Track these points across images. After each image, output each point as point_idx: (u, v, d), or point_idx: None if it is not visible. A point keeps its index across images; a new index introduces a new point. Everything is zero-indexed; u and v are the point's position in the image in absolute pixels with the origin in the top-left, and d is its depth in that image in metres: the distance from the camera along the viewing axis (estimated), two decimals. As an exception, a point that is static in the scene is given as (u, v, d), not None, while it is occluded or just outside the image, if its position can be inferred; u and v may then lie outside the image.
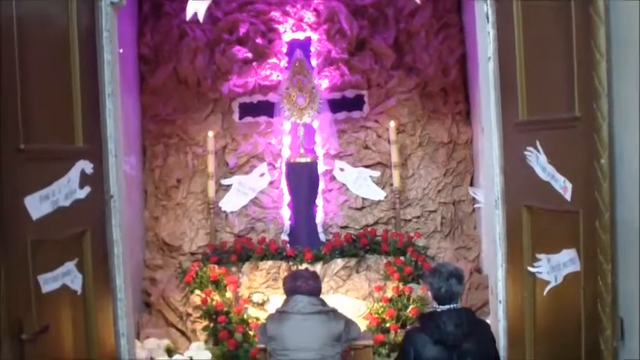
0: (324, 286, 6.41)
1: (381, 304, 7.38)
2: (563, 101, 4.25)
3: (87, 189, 4.67)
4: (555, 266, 4.45)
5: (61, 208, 4.36)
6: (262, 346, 5.22)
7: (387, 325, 7.07)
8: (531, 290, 4.78)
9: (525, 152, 4.67)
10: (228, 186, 8.65)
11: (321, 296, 5.07)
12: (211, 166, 8.41)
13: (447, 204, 8.84)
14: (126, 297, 5.26)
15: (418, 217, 8.79)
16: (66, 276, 4.45)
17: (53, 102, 4.44)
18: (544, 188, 4.48)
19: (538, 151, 4.54)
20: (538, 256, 4.64)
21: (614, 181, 3.86)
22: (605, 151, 3.85)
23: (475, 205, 8.46)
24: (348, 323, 4.84)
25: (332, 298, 7.08)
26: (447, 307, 4.58)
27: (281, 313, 4.79)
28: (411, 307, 7.23)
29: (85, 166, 4.67)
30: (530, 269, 4.71)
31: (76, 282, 4.58)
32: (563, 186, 4.29)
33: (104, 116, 5.02)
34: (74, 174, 4.55)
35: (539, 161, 4.55)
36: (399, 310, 7.23)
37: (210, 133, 8.45)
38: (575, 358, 4.22)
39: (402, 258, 7.93)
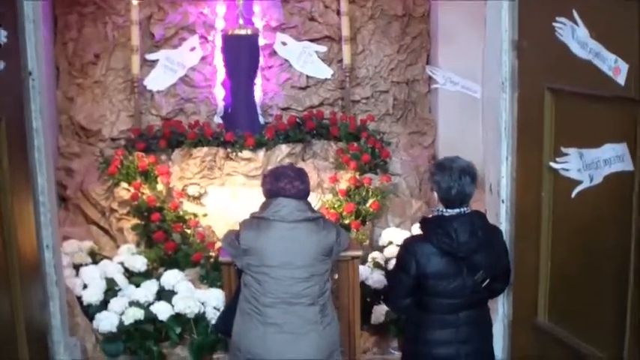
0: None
1: (337, 197, 6.53)
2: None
3: (0, 64, 3.56)
4: (591, 163, 3.70)
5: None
6: (226, 259, 4.29)
7: (347, 221, 6.24)
8: (551, 190, 4.04)
9: (554, 24, 3.83)
10: (154, 61, 7.56)
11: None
12: (135, 39, 7.29)
13: (400, 84, 7.96)
14: (49, 200, 4.26)
15: (367, 99, 7.91)
16: (-23, 178, 3.43)
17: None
18: (581, 68, 3.70)
19: (575, 22, 3.69)
20: (565, 150, 3.87)
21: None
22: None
23: (432, 86, 7.62)
24: (339, 232, 3.93)
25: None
26: (457, 211, 3.78)
27: (260, 220, 3.79)
28: (371, 200, 6.43)
29: (-2, 33, 3.56)
30: (554, 165, 3.95)
31: (-11, 186, 3.56)
32: (614, 66, 3.49)
33: (16, -33, 3.88)
34: (-16, 44, 3.45)
35: (575, 35, 3.72)
36: (357, 204, 6.41)
37: (134, 1, 7.25)
38: (616, 273, 3.54)
39: (355, 144, 7.07)
